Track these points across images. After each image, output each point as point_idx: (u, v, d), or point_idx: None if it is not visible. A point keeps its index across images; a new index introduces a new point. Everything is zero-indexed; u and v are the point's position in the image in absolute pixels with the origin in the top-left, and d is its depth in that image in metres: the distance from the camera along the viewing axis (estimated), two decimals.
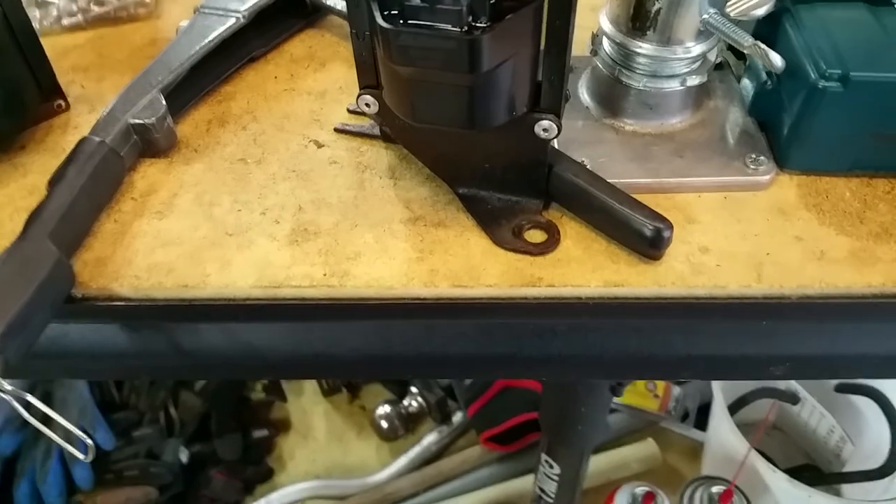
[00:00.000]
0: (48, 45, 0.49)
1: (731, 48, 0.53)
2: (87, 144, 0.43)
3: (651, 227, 0.40)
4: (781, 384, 1.11)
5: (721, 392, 1.08)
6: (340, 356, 0.45)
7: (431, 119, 0.39)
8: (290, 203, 0.45)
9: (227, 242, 0.43)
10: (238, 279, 0.41)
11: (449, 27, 0.33)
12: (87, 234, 0.43)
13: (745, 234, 0.44)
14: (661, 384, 1.26)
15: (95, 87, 0.53)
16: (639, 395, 1.25)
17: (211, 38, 0.50)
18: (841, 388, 1.10)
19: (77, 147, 0.43)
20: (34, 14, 0.55)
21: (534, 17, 0.36)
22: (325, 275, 0.41)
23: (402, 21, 0.34)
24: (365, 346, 0.44)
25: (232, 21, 0.52)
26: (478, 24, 0.34)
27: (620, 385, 0.76)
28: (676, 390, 1.27)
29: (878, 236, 0.44)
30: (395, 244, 0.43)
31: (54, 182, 0.41)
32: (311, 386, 1.35)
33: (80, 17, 0.56)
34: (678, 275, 0.41)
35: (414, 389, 1.31)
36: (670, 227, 0.41)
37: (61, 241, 0.39)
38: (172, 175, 0.47)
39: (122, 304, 0.41)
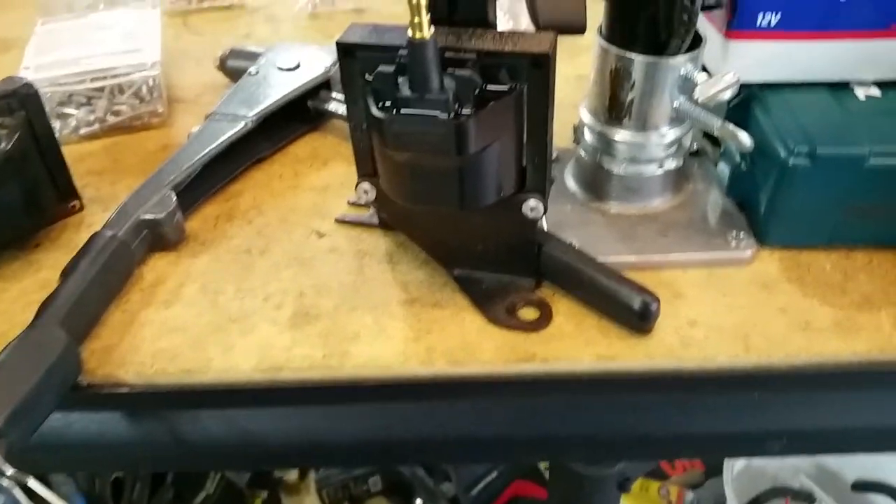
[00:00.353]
0: (66, 152, 0.52)
1: (706, 136, 0.57)
2: (99, 238, 0.46)
3: (639, 301, 0.42)
4: (796, 483, 1.09)
5: (735, 495, 1.05)
6: (339, 442, 0.46)
7: (425, 200, 0.41)
8: (291, 289, 0.47)
9: (230, 328, 0.44)
10: (240, 362, 0.42)
11: (437, 114, 0.36)
12: (97, 324, 0.44)
13: (731, 307, 0.45)
14: (673, 489, 1.23)
15: (109, 189, 0.56)
16: (651, 501, 1.22)
17: (220, 140, 0.54)
18: (858, 486, 1.07)
19: (90, 241, 0.46)
20: (54, 125, 0.59)
21: (514, 105, 0.39)
22: (324, 356, 0.42)
23: (395, 111, 0.37)
24: (364, 430, 0.44)
25: (240, 125, 0.55)
26: (463, 112, 0.37)
27: (627, 481, 0.75)
28: (689, 495, 1.23)
29: (860, 306, 0.45)
30: (393, 325, 0.44)
31: (67, 273, 0.43)
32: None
33: (96, 126, 0.60)
34: (668, 348, 0.43)
35: (419, 501, 1.28)
36: (657, 300, 0.42)
37: (71, 328, 0.41)
38: (180, 267, 0.49)
39: (126, 390, 0.42)
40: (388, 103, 0.38)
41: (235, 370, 0.42)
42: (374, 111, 0.37)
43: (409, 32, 0.35)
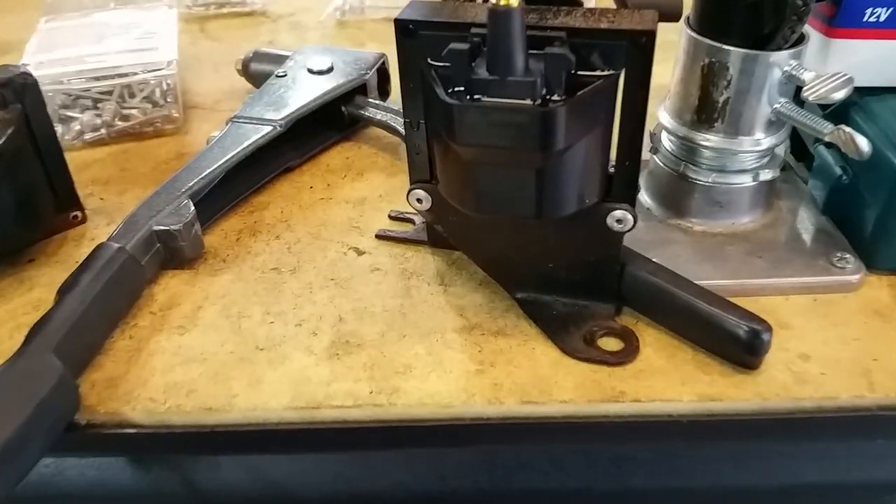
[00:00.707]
0: (69, 159, 0.46)
1: (791, 149, 0.51)
2: (104, 250, 0.39)
3: (747, 329, 0.35)
4: None
5: None
6: (388, 494, 0.38)
7: (495, 208, 0.35)
8: (328, 313, 0.40)
9: (258, 358, 0.37)
10: (269, 399, 0.35)
11: (522, 101, 0.30)
12: (98, 352, 0.38)
13: (844, 339, 0.39)
14: None
15: (115, 200, 0.49)
16: None
17: (245, 145, 0.48)
18: None
19: (93, 253, 0.39)
20: (56, 129, 0.53)
21: (610, 94, 0.33)
22: (371, 392, 0.36)
23: (468, 97, 0.31)
24: (418, 479, 0.37)
25: (267, 129, 0.49)
26: (553, 98, 0.30)
27: None
28: None
29: None
30: (451, 356, 0.37)
31: (64, 290, 0.37)
32: None
33: (103, 132, 0.54)
34: (781, 385, 0.36)
35: None
36: (769, 328, 0.35)
37: (67, 356, 0.34)
38: (197, 286, 0.42)
39: (133, 431, 0.35)
40: (459, 88, 0.31)
41: (264, 408, 0.35)
42: (444, 96, 0.31)
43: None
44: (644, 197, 0.47)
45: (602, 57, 0.32)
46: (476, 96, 0.31)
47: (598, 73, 0.32)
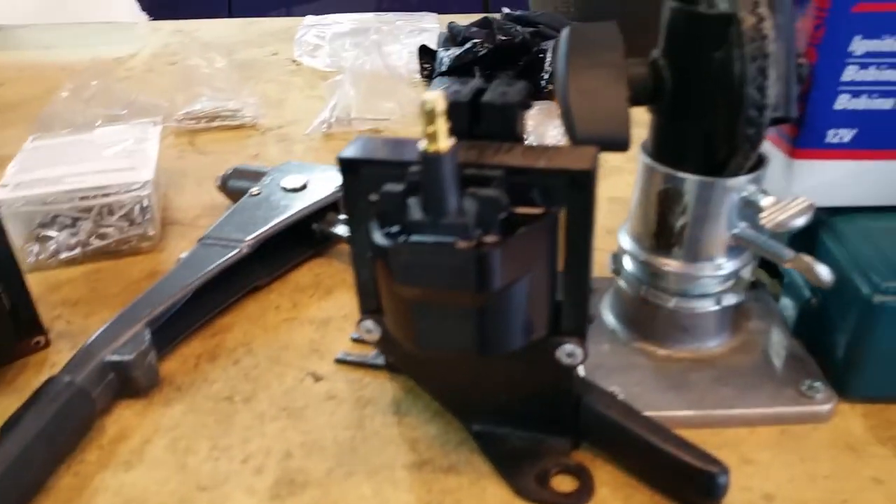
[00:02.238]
0: (41, 279, 0.47)
1: (763, 264, 0.50)
2: (52, 385, 0.39)
3: (703, 472, 0.34)
4: None
5: None
6: None
7: (437, 344, 0.34)
8: (277, 448, 0.39)
9: (198, 499, 0.36)
10: None
11: (455, 241, 0.30)
12: (38, 490, 0.37)
13: (812, 477, 0.37)
14: None
15: (82, 323, 0.49)
16: None
17: (210, 268, 0.48)
18: None
19: (42, 388, 0.38)
20: (33, 248, 0.54)
21: (548, 232, 0.32)
22: None
23: (403, 238, 0.31)
24: None
25: (234, 252, 0.49)
26: (486, 239, 0.30)
27: None
28: None
29: None
30: (398, 497, 0.36)
31: (7, 428, 0.36)
32: None
33: (78, 251, 0.54)
34: None
35: None
36: (726, 470, 0.34)
37: (4, 498, 0.33)
38: (149, 418, 0.41)
39: None
40: (395, 229, 0.31)
41: None
42: (378, 238, 0.31)
43: (422, 144, 0.29)
44: (609, 318, 0.46)
45: (542, 194, 0.32)
46: (411, 237, 0.31)
47: (537, 210, 0.32)
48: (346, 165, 0.34)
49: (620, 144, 0.37)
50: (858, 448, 0.38)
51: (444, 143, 0.28)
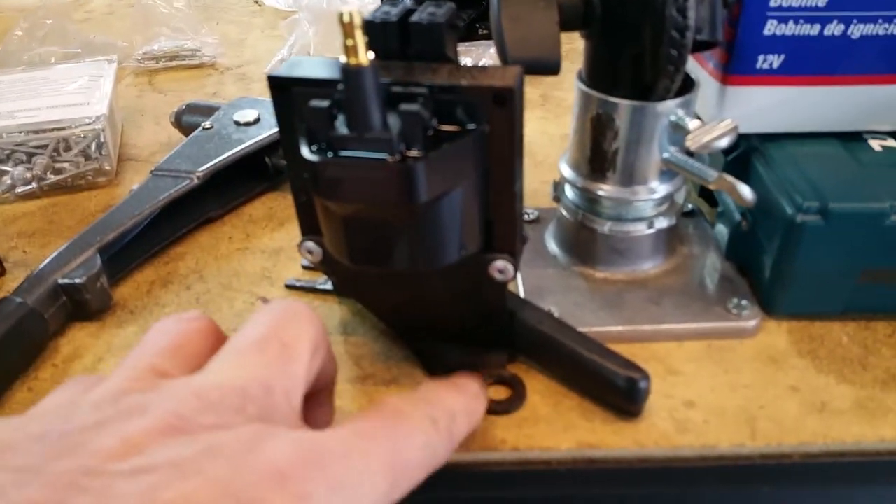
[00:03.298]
0: None
1: (703, 194, 0.51)
2: (4, 304, 0.40)
3: (625, 378, 0.36)
4: None
5: None
6: None
7: (370, 260, 0.35)
8: None
9: None
10: None
11: (380, 155, 0.31)
12: None
13: (734, 386, 0.39)
14: None
15: (38, 253, 0.50)
16: None
17: (161, 198, 0.49)
18: None
19: None
20: None
21: (474, 148, 0.33)
22: None
23: (329, 153, 0.32)
24: None
25: (185, 182, 0.50)
26: (410, 153, 0.31)
27: None
28: None
29: (885, 384, 0.39)
30: (340, 406, 0.37)
31: None
32: None
33: (34, 185, 0.55)
34: (661, 433, 0.36)
35: None
36: (647, 377, 0.36)
37: None
38: (102, 339, 0.43)
39: None
40: (322, 145, 0.32)
41: None
42: (306, 153, 0.32)
43: (343, 58, 0.29)
44: (552, 245, 0.47)
45: (466, 112, 0.33)
46: (338, 152, 0.32)
47: (461, 128, 0.33)
48: (276, 84, 0.35)
49: (552, 67, 0.38)
50: (780, 360, 0.40)
51: (364, 56, 0.29)
